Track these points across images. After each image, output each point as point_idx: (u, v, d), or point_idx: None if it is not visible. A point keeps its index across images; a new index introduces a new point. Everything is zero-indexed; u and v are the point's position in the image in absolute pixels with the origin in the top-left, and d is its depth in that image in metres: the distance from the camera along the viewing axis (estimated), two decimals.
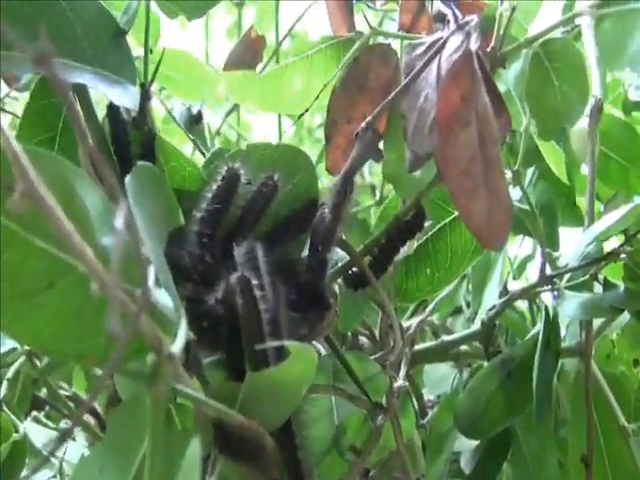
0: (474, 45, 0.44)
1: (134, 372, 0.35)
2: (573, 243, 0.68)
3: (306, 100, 0.61)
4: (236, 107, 0.95)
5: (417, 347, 0.72)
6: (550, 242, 0.73)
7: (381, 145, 0.51)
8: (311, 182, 0.49)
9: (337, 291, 0.53)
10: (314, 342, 0.53)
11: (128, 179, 0.37)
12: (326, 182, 0.62)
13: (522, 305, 0.85)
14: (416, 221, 0.51)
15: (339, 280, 0.53)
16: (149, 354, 0.35)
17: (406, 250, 0.54)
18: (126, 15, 0.51)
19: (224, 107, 0.95)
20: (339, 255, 0.52)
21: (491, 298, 0.77)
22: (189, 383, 0.34)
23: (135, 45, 0.58)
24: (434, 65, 0.47)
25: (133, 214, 0.35)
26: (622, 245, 0.63)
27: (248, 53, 0.61)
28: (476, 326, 0.74)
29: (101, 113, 0.50)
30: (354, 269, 0.53)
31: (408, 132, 0.49)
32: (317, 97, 0.57)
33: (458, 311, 0.95)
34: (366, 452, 0.55)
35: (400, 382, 0.59)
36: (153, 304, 0.33)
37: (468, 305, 0.91)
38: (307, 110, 0.57)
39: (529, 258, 1.01)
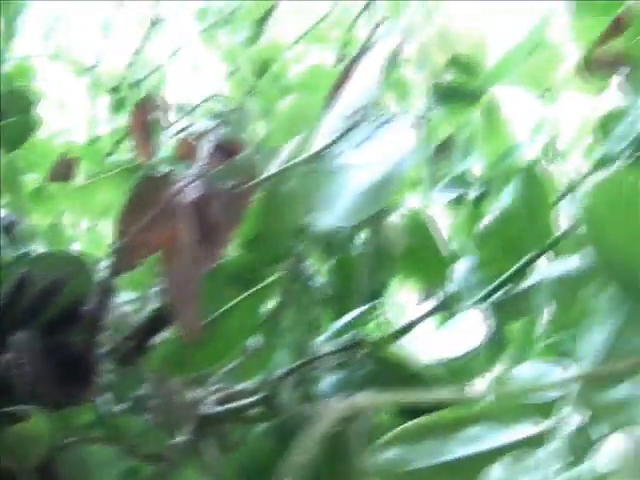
0: (195, 194, 0.61)
1: None
2: None
3: (111, 209, 0.77)
4: None
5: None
6: None
7: None
8: (85, 282, 0.65)
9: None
10: None
11: None
12: None
13: None
14: (166, 316, 0.67)
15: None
16: None
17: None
18: None
19: None
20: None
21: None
22: None
23: None
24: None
25: None
26: None
27: (64, 171, 0.77)
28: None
29: None
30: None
31: None
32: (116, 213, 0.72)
33: None
34: None
35: (179, 438, 0.74)
36: None
37: None
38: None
39: None
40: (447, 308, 0.87)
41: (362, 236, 0.90)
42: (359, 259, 0.92)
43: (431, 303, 0.92)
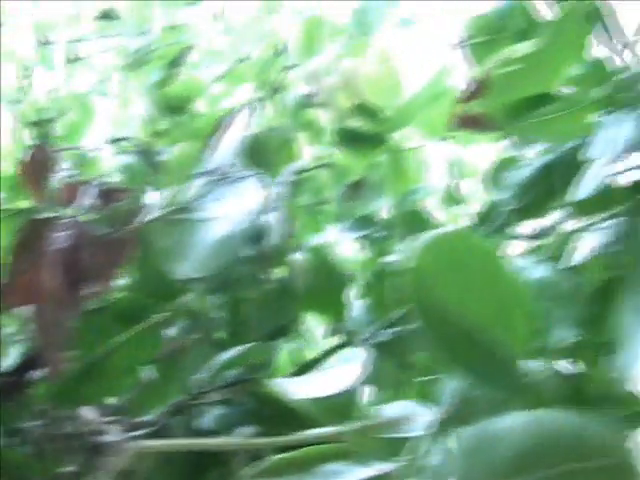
0: (67, 240, 0.64)
1: None
2: None
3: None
4: None
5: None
6: None
7: None
8: None
9: None
10: None
11: None
12: None
13: None
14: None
15: None
16: None
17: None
18: None
19: None
20: None
21: None
22: None
23: None
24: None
25: None
26: None
27: None
28: None
29: None
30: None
31: None
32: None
33: None
34: None
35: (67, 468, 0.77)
36: None
37: None
38: None
39: None
40: (343, 346, 0.91)
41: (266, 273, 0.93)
42: (258, 296, 0.95)
43: (334, 339, 0.96)
